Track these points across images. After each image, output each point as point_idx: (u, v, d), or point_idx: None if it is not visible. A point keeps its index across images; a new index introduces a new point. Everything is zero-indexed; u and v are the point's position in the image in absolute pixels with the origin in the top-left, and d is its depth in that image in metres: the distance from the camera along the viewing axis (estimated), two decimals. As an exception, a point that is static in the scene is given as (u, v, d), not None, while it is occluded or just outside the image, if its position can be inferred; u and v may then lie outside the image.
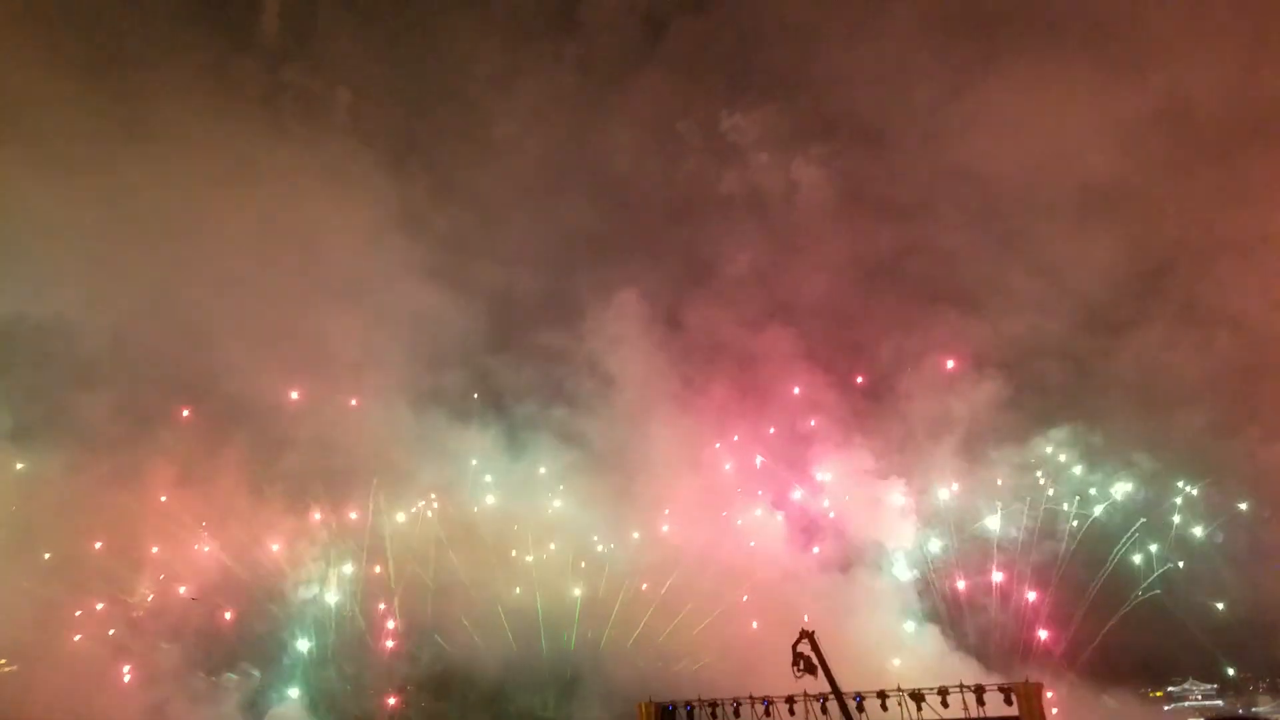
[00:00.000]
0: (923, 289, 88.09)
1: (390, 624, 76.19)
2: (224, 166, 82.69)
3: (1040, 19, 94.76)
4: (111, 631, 69.17)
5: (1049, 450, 77.13)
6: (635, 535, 78.66)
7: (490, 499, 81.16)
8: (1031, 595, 72.55)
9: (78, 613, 68.00)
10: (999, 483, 74.93)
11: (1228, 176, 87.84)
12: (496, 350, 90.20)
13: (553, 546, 78.19)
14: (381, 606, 76.49)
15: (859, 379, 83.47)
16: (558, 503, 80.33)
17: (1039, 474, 76.20)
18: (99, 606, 68.93)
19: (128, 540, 68.96)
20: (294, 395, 76.59)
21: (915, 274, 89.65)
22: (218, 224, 79.52)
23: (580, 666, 73.61)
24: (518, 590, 75.68)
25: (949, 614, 72.82)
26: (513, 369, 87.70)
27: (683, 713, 39.31)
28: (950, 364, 79.22)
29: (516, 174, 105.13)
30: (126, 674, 68.21)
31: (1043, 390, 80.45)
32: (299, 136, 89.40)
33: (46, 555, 66.87)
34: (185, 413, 73.02)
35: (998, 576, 73.43)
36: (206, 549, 72.83)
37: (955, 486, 76.33)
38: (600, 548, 78.61)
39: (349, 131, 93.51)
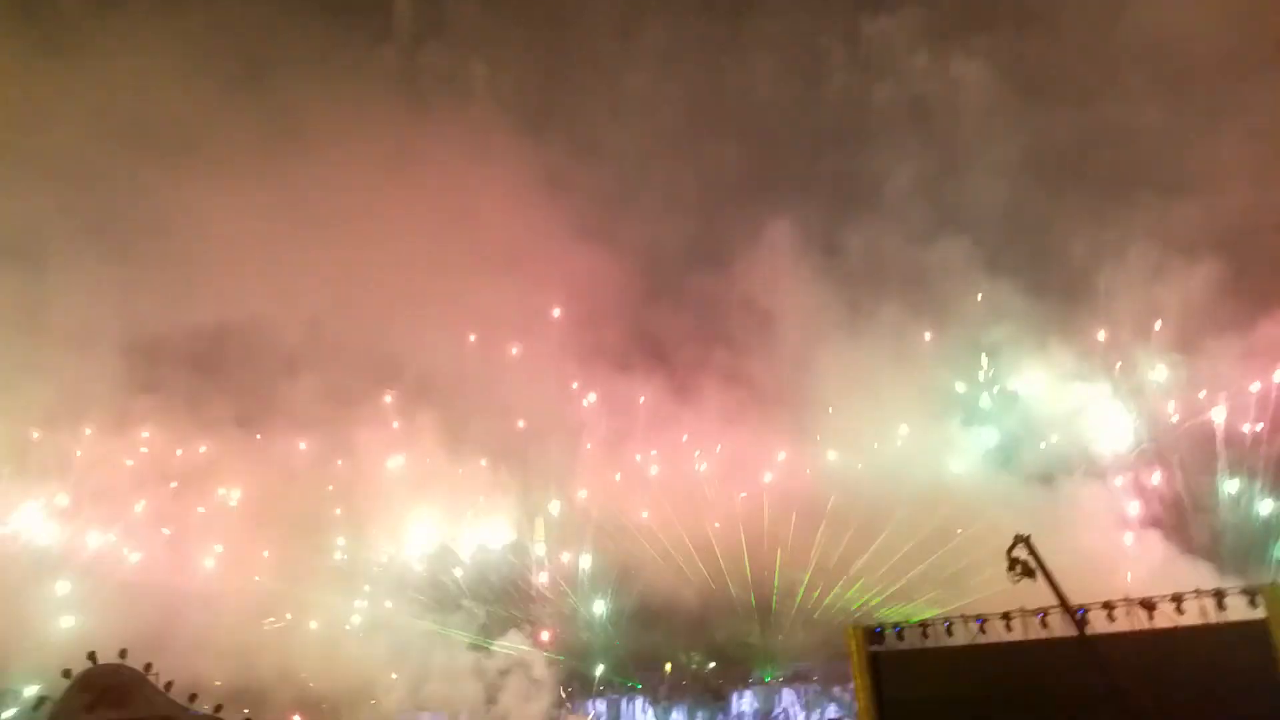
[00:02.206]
0: (1115, 177, 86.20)
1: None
2: (375, 155, 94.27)
3: None
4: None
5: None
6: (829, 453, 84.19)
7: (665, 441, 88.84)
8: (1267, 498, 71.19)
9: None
10: (1218, 374, 73.88)
11: None
12: (653, 301, 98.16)
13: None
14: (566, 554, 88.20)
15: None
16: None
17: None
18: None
19: (354, 510, 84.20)
20: (513, 351, 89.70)
21: (1105, 162, 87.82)
22: (378, 211, 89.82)
23: (781, 595, 79.26)
24: (717, 525, 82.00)
25: (1172, 518, 72.71)
26: (670, 316, 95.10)
27: (891, 635, 39.70)
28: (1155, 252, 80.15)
29: (654, 123, 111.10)
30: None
31: (1269, 268, 79.82)
32: (441, 115, 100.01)
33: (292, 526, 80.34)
34: (388, 394, 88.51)
35: (1226, 474, 72.76)
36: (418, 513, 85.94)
37: (1163, 376, 76.14)
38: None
39: (487, 103, 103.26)
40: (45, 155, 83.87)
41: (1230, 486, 73.34)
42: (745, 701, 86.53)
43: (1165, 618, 34.44)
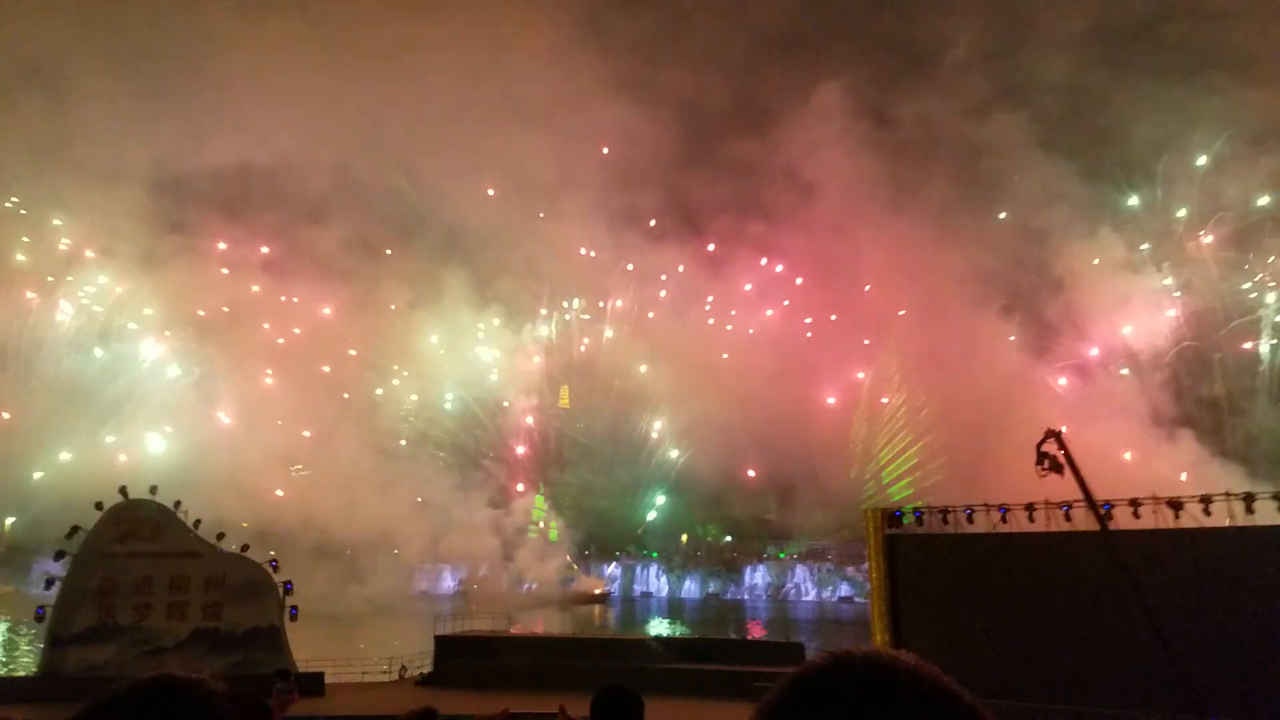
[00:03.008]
0: (1185, 58, 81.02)
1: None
2: None
3: None
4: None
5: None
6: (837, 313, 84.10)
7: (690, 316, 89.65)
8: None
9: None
10: (1260, 276, 72.44)
11: None
12: (689, 164, 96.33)
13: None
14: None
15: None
16: (769, 311, 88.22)
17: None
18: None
19: (380, 357, 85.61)
20: (543, 215, 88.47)
21: (1176, 40, 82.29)
22: (408, 53, 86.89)
23: (798, 475, 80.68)
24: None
25: (1208, 419, 71.62)
26: (706, 184, 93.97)
27: (912, 519, 39.01)
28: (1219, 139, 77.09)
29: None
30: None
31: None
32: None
33: (325, 368, 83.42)
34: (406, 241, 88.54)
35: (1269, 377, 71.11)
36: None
37: (1214, 271, 73.90)
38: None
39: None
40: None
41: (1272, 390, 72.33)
42: (758, 575, 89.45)
43: (1191, 518, 33.17)
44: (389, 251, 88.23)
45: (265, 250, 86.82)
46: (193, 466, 68.95)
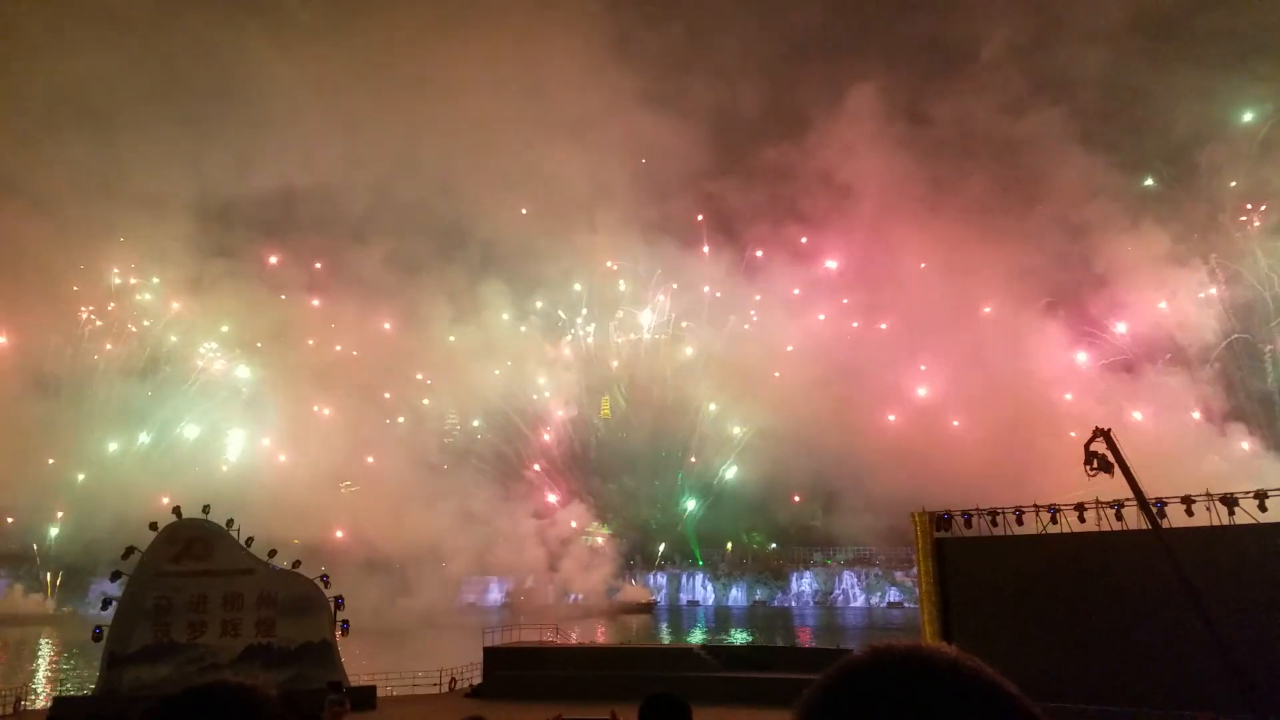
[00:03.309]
0: (1228, 46, 79.93)
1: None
2: (442, 15, 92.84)
3: None
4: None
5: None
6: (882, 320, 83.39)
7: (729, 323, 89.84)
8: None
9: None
10: None
11: None
12: (725, 172, 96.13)
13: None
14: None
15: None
16: (823, 316, 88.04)
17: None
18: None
19: (425, 374, 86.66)
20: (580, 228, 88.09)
21: (1218, 30, 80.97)
22: (444, 73, 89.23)
23: (842, 479, 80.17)
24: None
25: (1261, 413, 69.97)
26: (739, 191, 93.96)
27: (960, 521, 38.20)
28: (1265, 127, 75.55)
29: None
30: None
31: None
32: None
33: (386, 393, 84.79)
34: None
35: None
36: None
37: (1262, 263, 72.30)
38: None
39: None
40: (115, 13, 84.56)
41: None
42: (805, 582, 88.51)
43: (1247, 515, 31.93)
44: (425, 272, 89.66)
45: (318, 265, 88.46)
46: (245, 484, 70.12)
